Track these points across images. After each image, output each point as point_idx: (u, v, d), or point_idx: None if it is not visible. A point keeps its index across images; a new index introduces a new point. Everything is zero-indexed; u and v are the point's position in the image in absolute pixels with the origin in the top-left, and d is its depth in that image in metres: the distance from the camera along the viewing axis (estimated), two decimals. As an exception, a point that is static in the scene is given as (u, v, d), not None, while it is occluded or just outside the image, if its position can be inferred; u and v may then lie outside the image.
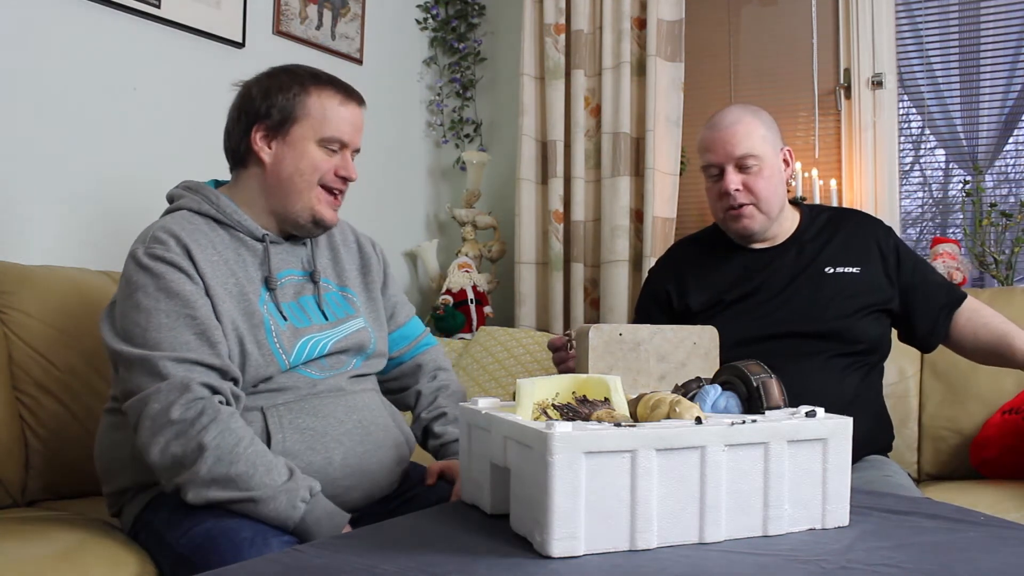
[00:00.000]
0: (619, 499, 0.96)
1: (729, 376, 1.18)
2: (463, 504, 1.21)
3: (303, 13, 2.77)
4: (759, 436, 1.03)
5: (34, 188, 2.07)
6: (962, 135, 2.83)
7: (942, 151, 2.93)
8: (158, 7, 2.31)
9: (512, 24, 3.19)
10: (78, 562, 1.33)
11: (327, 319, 1.55)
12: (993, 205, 2.63)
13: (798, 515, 1.05)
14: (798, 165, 2.85)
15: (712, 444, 1.00)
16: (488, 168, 3.20)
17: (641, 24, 2.87)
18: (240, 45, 2.54)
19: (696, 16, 3.02)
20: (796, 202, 1.98)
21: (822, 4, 2.91)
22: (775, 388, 1.13)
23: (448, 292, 2.99)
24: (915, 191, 3.00)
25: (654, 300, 1.97)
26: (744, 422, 1.03)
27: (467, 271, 3.02)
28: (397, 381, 1.77)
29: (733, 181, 1.81)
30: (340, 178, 1.55)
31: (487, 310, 3.02)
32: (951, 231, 2.87)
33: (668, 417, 1.06)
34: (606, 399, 1.11)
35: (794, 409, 1.12)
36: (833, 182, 2.83)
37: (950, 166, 2.92)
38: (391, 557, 0.97)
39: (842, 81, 2.88)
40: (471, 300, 2.97)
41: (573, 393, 1.12)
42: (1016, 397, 2.12)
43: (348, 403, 1.51)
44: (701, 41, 3.07)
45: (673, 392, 1.18)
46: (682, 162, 2.87)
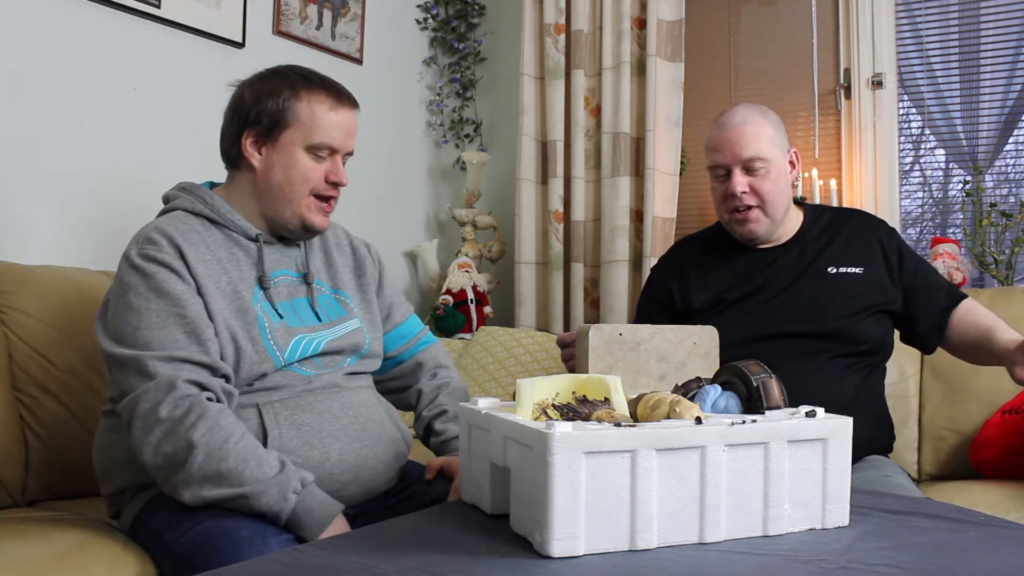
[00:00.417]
0: (619, 499, 0.96)
1: (729, 376, 1.18)
2: (463, 504, 1.21)
3: (303, 13, 2.77)
4: (759, 436, 1.03)
5: (34, 188, 2.07)
6: (962, 135, 2.83)
7: (942, 151, 2.93)
8: (158, 7, 2.31)
9: (512, 24, 3.19)
10: (78, 562, 1.33)
11: (320, 320, 1.55)
12: (993, 205, 2.63)
13: (798, 515, 1.05)
14: (798, 165, 2.84)
15: (712, 444, 1.00)
16: (488, 168, 3.20)
17: (641, 24, 2.87)
18: (240, 45, 2.54)
19: (696, 16, 3.02)
20: (799, 202, 1.98)
21: (822, 4, 2.91)
22: (775, 388, 1.13)
23: (448, 292, 2.99)
24: (915, 191, 3.00)
25: (655, 299, 1.97)
26: (744, 422, 1.03)
27: (467, 271, 3.03)
28: (398, 380, 1.77)
29: (740, 183, 1.80)
30: (331, 184, 1.54)
31: (487, 310, 3.02)
32: (951, 231, 2.87)
33: (668, 417, 1.06)
34: (606, 399, 1.11)
35: (794, 409, 1.12)
36: (833, 182, 2.83)
37: (950, 166, 2.92)
38: (391, 557, 0.97)
39: (842, 81, 2.88)
40: (471, 300, 2.98)
41: (573, 393, 1.12)
42: (1016, 397, 2.12)
43: (344, 399, 1.51)
44: (701, 41, 3.07)
45: (673, 392, 1.18)
46: (682, 162, 2.87)
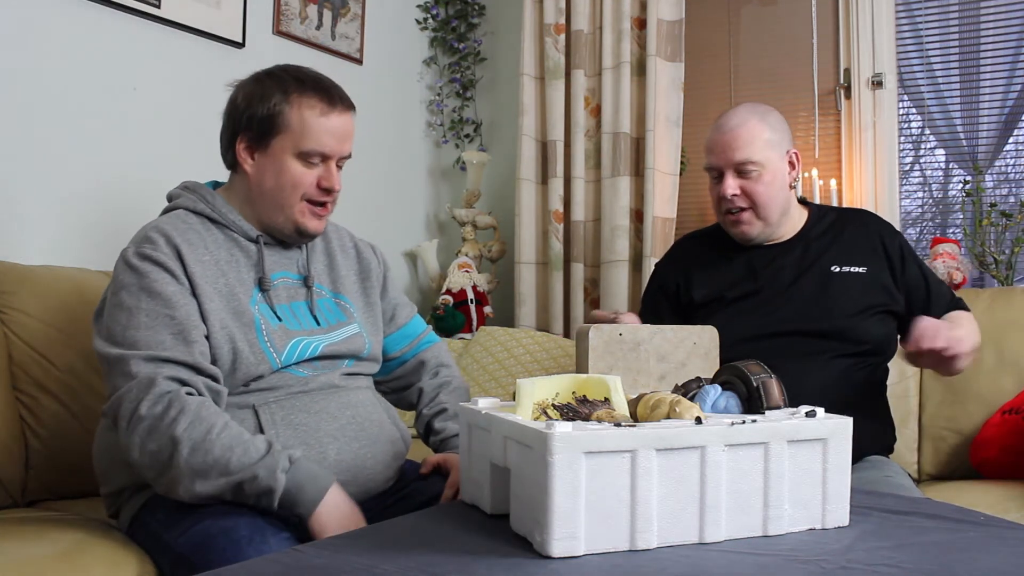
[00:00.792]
0: (619, 499, 0.96)
1: (729, 376, 1.18)
2: (463, 504, 1.21)
3: (303, 13, 2.77)
4: (759, 436, 1.03)
5: (34, 188, 2.07)
6: (962, 135, 2.83)
7: (942, 151, 2.93)
8: (158, 7, 2.31)
9: (512, 24, 3.19)
10: (78, 562, 1.33)
11: (319, 324, 1.55)
12: (993, 205, 2.63)
13: (798, 515, 1.05)
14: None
15: (712, 444, 1.00)
16: (488, 168, 3.20)
17: (641, 24, 2.87)
18: (240, 45, 2.54)
19: (696, 16, 3.02)
20: (805, 201, 1.98)
21: (822, 4, 2.91)
22: (775, 388, 1.13)
23: (448, 292, 2.99)
24: (915, 191, 3.00)
25: (663, 292, 1.97)
26: (744, 422, 1.03)
27: (467, 271, 3.02)
28: (400, 380, 1.77)
29: (731, 186, 1.80)
30: (323, 190, 1.52)
31: (487, 310, 3.02)
32: (951, 231, 2.87)
33: (668, 417, 1.06)
34: (606, 399, 1.11)
35: (794, 409, 1.12)
36: (833, 182, 2.83)
37: (950, 166, 2.92)
38: (391, 557, 0.97)
39: (842, 81, 2.88)
40: (471, 300, 2.98)
41: (573, 393, 1.12)
42: (1016, 397, 2.12)
43: (341, 399, 1.51)
44: (701, 41, 3.07)
45: (673, 392, 1.18)
46: (682, 162, 2.87)
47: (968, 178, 2.78)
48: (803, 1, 2.94)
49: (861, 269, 1.83)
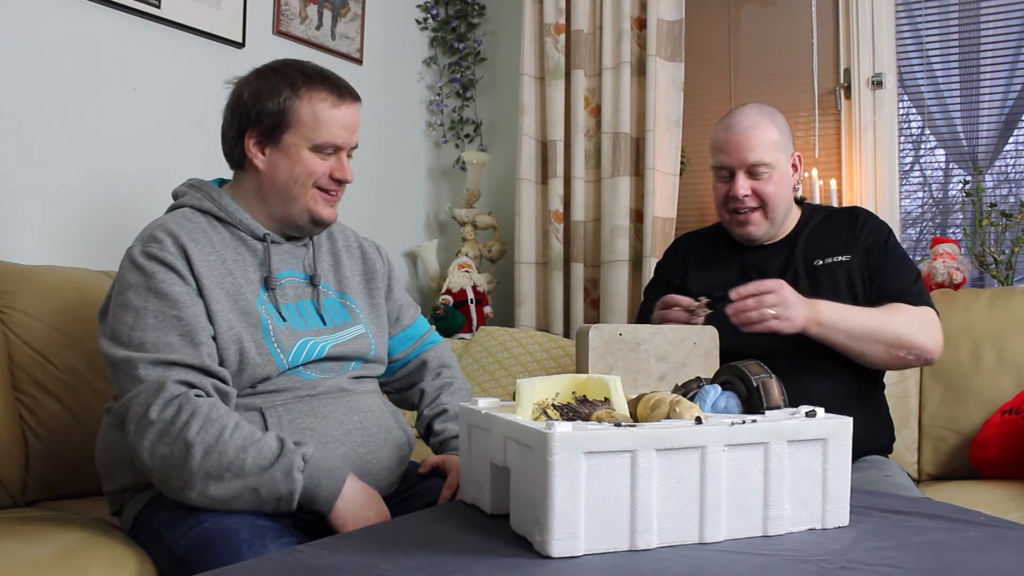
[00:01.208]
0: (619, 499, 0.96)
1: (729, 376, 1.18)
2: (463, 504, 1.21)
3: (303, 13, 2.77)
4: (759, 436, 1.03)
5: (34, 188, 2.07)
6: (962, 135, 2.83)
7: (942, 151, 2.93)
8: (158, 7, 2.31)
9: (512, 24, 3.19)
10: (78, 562, 1.33)
11: (325, 324, 1.55)
12: (993, 205, 2.63)
13: (798, 515, 1.05)
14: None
15: (712, 444, 1.00)
16: (488, 168, 3.20)
17: (641, 24, 2.87)
18: (240, 45, 2.54)
19: (696, 16, 3.03)
20: (799, 201, 1.98)
21: (822, 4, 2.91)
22: (775, 388, 1.13)
23: (448, 292, 2.99)
24: (915, 191, 3.00)
25: (668, 286, 1.97)
26: (744, 422, 1.03)
27: (467, 271, 3.02)
28: (404, 380, 1.77)
29: (743, 187, 1.81)
30: (335, 180, 1.54)
31: (487, 310, 3.02)
32: (951, 231, 2.87)
33: (668, 417, 1.06)
34: (606, 399, 1.11)
35: (794, 409, 1.12)
36: (833, 182, 2.83)
37: (950, 166, 2.92)
38: (391, 557, 0.97)
39: (842, 81, 2.88)
40: (471, 300, 2.98)
41: (573, 393, 1.12)
42: (1016, 397, 2.12)
43: (349, 404, 1.51)
44: (701, 41, 3.07)
45: (673, 392, 1.18)
46: (682, 162, 2.87)
47: (968, 178, 2.78)
48: (803, 1, 2.94)
49: (844, 258, 1.83)
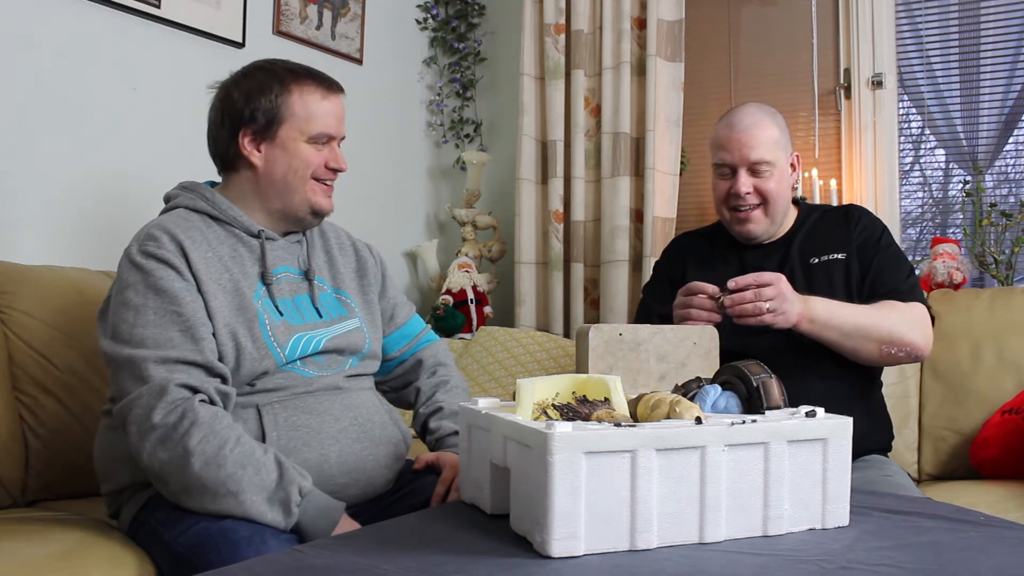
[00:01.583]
0: (619, 499, 0.96)
1: (729, 376, 1.18)
2: (463, 504, 1.21)
3: (303, 13, 2.77)
4: (759, 436, 1.03)
5: (34, 188, 2.07)
6: (962, 135, 2.83)
7: (942, 151, 2.93)
8: (158, 7, 2.31)
9: (512, 24, 3.19)
10: (78, 562, 1.33)
11: (321, 317, 1.56)
12: (993, 205, 2.63)
13: (798, 515, 1.05)
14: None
15: (712, 444, 1.00)
16: (488, 168, 3.20)
17: (641, 24, 2.87)
18: (240, 45, 2.54)
19: (696, 16, 3.02)
20: (796, 201, 1.98)
21: (822, 4, 2.91)
22: (775, 388, 1.13)
23: (448, 292, 2.99)
24: (915, 191, 3.00)
25: (671, 283, 1.96)
26: (744, 422, 1.03)
27: (467, 271, 3.02)
28: (400, 379, 1.78)
29: (745, 184, 1.81)
30: (330, 170, 1.57)
31: (487, 310, 3.02)
32: (951, 231, 2.87)
33: (668, 417, 1.06)
34: (606, 399, 1.11)
35: (794, 409, 1.13)
36: (833, 182, 2.83)
37: (950, 166, 2.92)
38: (391, 557, 0.97)
39: (842, 81, 2.88)
40: (471, 300, 2.98)
41: (573, 393, 1.12)
42: (1016, 397, 2.12)
43: (344, 401, 1.52)
44: (701, 41, 3.07)
45: (673, 392, 1.18)
46: (682, 162, 2.87)
47: (968, 178, 2.78)
48: (803, 1, 2.94)
49: (840, 256, 1.83)
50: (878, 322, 1.72)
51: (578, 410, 1.09)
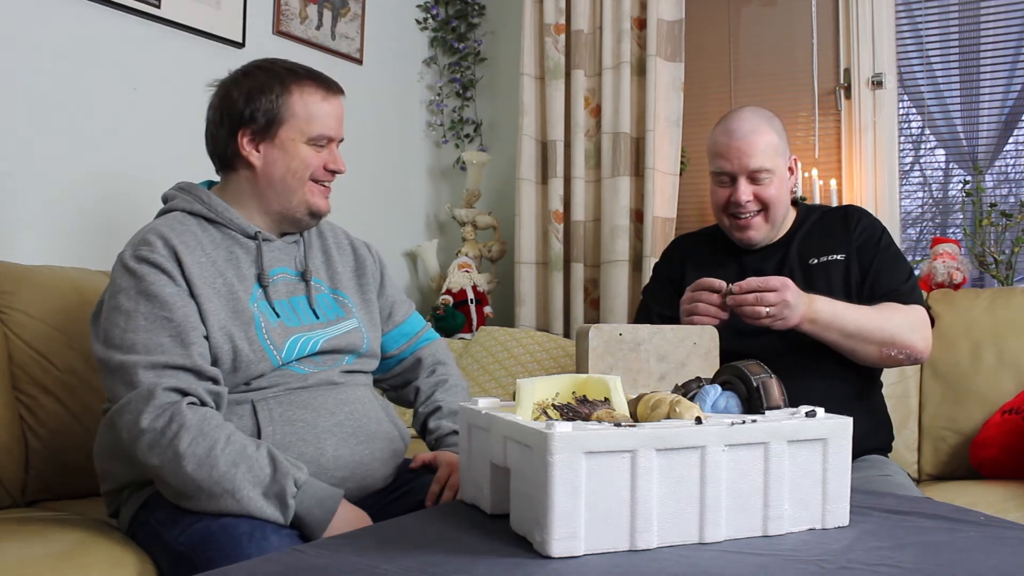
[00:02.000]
0: (619, 499, 0.96)
1: (729, 376, 1.18)
2: (463, 504, 1.21)
3: (303, 13, 2.77)
4: (759, 436, 1.03)
5: (34, 188, 2.07)
6: (962, 135, 2.83)
7: (942, 151, 2.93)
8: (158, 7, 2.31)
9: (512, 24, 3.19)
10: (78, 562, 1.33)
11: (318, 319, 1.56)
12: (993, 205, 2.63)
13: (798, 515, 1.05)
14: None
15: (712, 444, 1.00)
16: (488, 168, 3.20)
17: (641, 24, 2.87)
18: (240, 45, 2.54)
19: (696, 16, 3.02)
20: (795, 202, 1.98)
21: (822, 4, 2.91)
22: (775, 388, 1.13)
23: (448, 292, 2.99)
24: (915, 191, 3.00)
25: (672, 283, 1.96)
26: (744, 422, 1.03)
27: (467, 271, 3.02)
28: (399, 377, 1.78)
29: (745, 192, 1.80)
30: (329, 172, 1.57)
31: (487, 310, 3.02)
32: (951, 231, 2.87)
33: (668, 417, 1.06)
34: (606, 399, 1.11)
35: (794, 409, 1.12)
36: (833, 182, 2.83)
37: (950, 166, 2.92)
38: (391, 557, 0.97)
39: (842, 81, 2.88)
40: (471, 300, 2.98)
41: (573, 393, 1.12)
42: (1016, 397, 2.12)
43: (339, 396, 1.52)
44: (701, 41, 3.07)
45: (673, 392, 1.18)
46: (682, 162, 2.87)
47: (968, 178, 2.78)
48: (803, 1, 2.94)
49: (839, 256, 1.83)
50: (880, 324, 1.72)
51: (578, 410, 1.09)
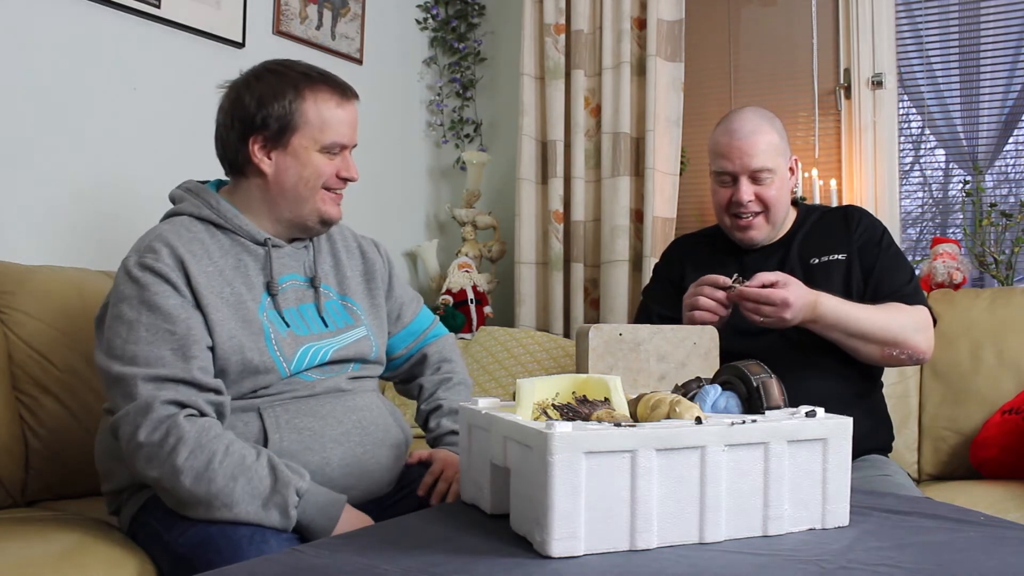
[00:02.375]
0: (619, 499, 0.96)
1: (729, 376, 1.18)
2: (463, 504, 1.21)
3: (303, 13, 2.77)
4: (759, 436, 1.03)
5: (34, 188, 2.07)
6: (962, 135, 2.83)
7: (942, 151, 2.93)
8: (158, 7, 2.31)
9: (512, 24, 3.19)
10: (78, 562, 1.33)
11: (327, 327, 1.54)
12: (993, 205, 2.63)
13: (798, 515, 1.05)
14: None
15: (712, 444, 1.00)
16: (488, 168, 3.20)
17: (641, 24, 2.87)
18: (240, 45, 2.54)
19: (696, 16, 3.02)
20: (795, 202, 1.98)
21: (822, 4, 2.91)
22: (775, 388, 1.13)
23: (448, 292, 2.99)
24: (915, 191, 3.00)
25: (672, 284, 1.96)
26: (744, 422, 1.03)
27: (467, 271, 3.02)
28: (406, 372, 1.78)
29: (746, 192, 1.80)
30: (342, 179, 1.54)
31: (487, 310, 3.02)
32: (951, 231, 2.87)
33: (668, 417, 1.06)
34: (606, 399, 1.11)
35: (794, 409, 1.12)
36: (833, 182, 2.83)
37: (950, 166, 2.92)
38: (391, 557, 0.97)
39: (842, 81, 2.88)
40: (471, 300, 2.98)
41: (573, 393, 1.12)
42: (1016, 397, 2.12)
43: (347, 403, 1.51)
44: (701, 41, 3.07)
45: (673, 392, 1.18)
46: (682, 162, 2.87)
47: (968, 178, 2.78)
48: (803, 1, 2.94)
49: (840, 256, 1.83)
50: (884, 324, 1.72)
51: (578, 410, 1.09)
